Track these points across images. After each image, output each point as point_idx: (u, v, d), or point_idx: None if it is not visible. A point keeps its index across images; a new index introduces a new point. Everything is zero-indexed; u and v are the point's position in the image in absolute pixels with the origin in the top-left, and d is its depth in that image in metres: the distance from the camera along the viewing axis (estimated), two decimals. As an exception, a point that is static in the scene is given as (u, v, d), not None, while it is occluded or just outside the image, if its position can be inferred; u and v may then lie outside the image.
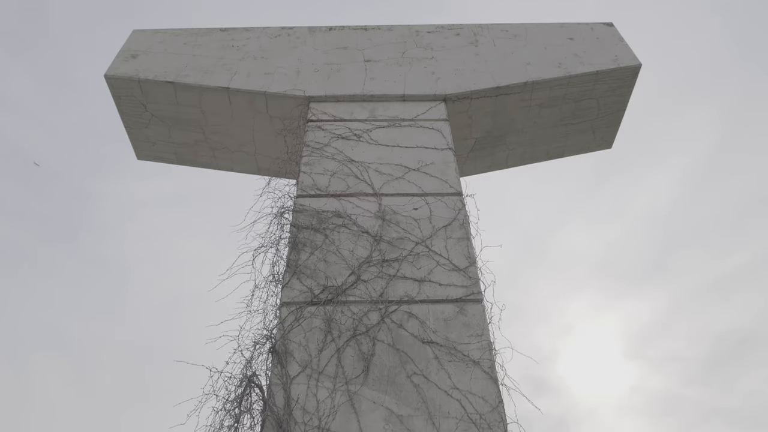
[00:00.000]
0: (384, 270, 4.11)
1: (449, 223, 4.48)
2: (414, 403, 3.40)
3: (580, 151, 7.14)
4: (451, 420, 3.32)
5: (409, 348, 3.67)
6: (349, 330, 3.75)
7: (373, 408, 3.38)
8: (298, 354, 3.63)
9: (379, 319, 3.81)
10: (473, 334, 3.74)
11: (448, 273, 4.11)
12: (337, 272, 4.11)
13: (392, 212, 4.56)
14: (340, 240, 4.33)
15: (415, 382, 3.49)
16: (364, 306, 3.89)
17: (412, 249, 4.26)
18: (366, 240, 4.33)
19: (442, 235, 4.38)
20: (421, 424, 3.30)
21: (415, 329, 3.77)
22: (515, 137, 6.73)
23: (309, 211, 4.58)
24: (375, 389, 3.46)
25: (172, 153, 6.98)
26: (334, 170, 4.98)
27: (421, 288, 4.00)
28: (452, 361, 3.60)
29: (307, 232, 4.40)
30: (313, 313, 3.86)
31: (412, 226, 4.45)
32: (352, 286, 4.00)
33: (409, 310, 3.87)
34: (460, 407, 3.37)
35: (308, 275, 4.08)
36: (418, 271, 4.12)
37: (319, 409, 3.36)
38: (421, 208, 4.62)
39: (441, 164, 5.07)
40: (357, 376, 3.52)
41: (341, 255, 4.22)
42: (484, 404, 3.39)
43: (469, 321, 3.82)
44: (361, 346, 3.67)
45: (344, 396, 3.43)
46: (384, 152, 5.19)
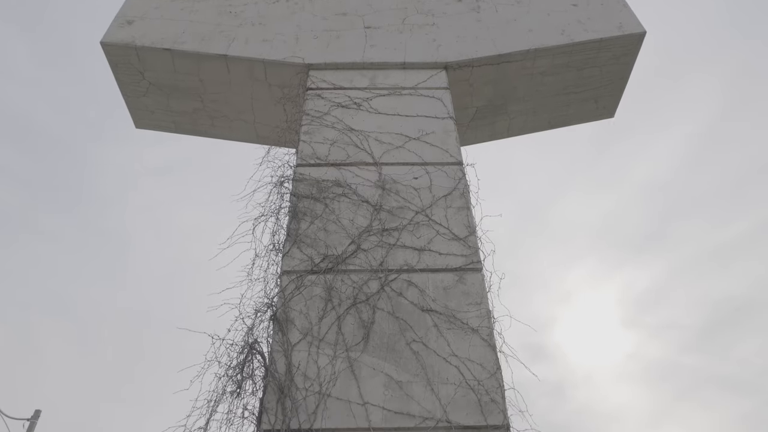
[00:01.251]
0: (384, 239, 4.13)
1: (449, 192, 4.48)
2: (413, 369, 3.46)
3: (582, 120, 7.08)
4: (450, 386, 3.38)
5: (409, 316, 3.71)
6: (350, 298, 3.79)
7: (373, 374, 3.44)
8: (298, 322, 3.68)
9: (379, 288, 3.84)
10: (472, 303, 3.78)
11: (448, 242, 4.13)
12: (337, 241, 4.13)
13: (392, 181, 4.56)
14: (340, 209, 4.34)
15: (415, 349, 3.54)
16: (364, 275, 3.92)
17: (412, 218, 4.27)
18: (366, 209, 4.34)
19: (442, 205, 4.38)
20: (420, 390, 3.37)
21: (414, 297, 3.80)
22: (517, 106, 6.67)
23: (309, 180, 4.57)
24: (375, 356, 3.52)
25: (171, 121, 6.93)
26: (334, 139, 4.95)
27: (420, 257, 4.03)
28: (451, 328, 3.64)
29: (307, 201, 4.40)
30: (314, 282, 3.89)
31: (412, 195, 4.45)
32: (352, 255, 4.03)
33: (409, 278, 3.91)
34: (458, 374, 3.43)
35: (308, 244, 4.10)
36: (418, 240, 4.14)
37: (319, 376, 3.42)
38: (422, 177, 4.61)
39: (441, 133, 5.04)
40: (357, 343, 3.57)
41: (341, 224, 4.23)
42: (482, 371, 3.45)
43: (469, 290, 3.86)
44: (361, 314, 3.71)
45: (345, 362, 3.48)
46: (384, 121, 5.15)
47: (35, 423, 15.35)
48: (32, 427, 15.22)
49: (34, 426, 15.29)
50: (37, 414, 15.53)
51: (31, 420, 15.31)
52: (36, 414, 15.52)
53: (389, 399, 3.33)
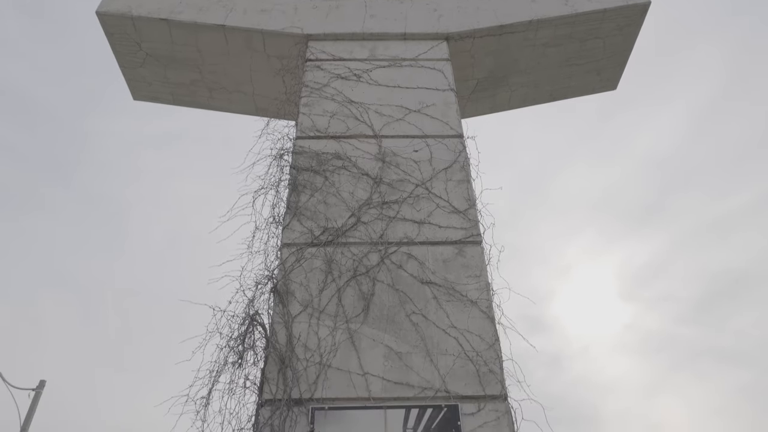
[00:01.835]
0: (384, 212, 4.13)
1: (450, 165, 4.46)
2: (413, 340, 3.49)
3: (585, 92, 7.02)
4: (449, 357, 3.42)
5: (409, 288, 3.73)
6: (350, 270, 3.81)
7: (373, 345, 3.47)
8: (299, 294, 3.70)
9: (379, 260, 3.85)
10: (471, 275, 3.80)
11: (448, 215, 4.13)
12: (337, 214, 4.12)
13: (392, 154, 4.54)
14: (340, 182, 4.33)
15: (414, 321, 3.57)
16: (364, 247, 3.93)
17: (412, 191, 4.26)
18: (366, 182, 4.32)
19: (442, 178, 4.37)
20: (419, 361, 3.41)
21: (414, 270, 3.82)
22: (518, 78, 6.60)
23: (308, 152, 4.55)
24: (375, 327, 3.55)
25: (169, 93, 6.86)
26: (333, 111, 4.91)
27: (420, 230, 4.03)
28: (450, 300, 3.67)
29: (306, 174, 4.38)
30: (314, 254, 3.90)
31: (413, 168, 4.44)
32: (352, 228, 4.03)
33: (409, 251, 3.92)
34: (457, 345, 3.47)
35: (308, 217, 4.10)
36: (418, 213, 4.13)
37: (320, 346, 3.46)
38: (422, 150, 4.58)
39: (442, 105, 4.99)
40: (357, 314, 3.60)
41: (341, 197, 4.22)
42: (481, 342, 3.48)
43: (468, 262, 3.87)
44: (361, 286, 3.73)
45: (345, 334, 3.52)
46: (384, 93, 5.10)
47: (40, 393, 15.58)
48: (37, 397, 15.45)
49: (39, 396, 15.53)
50: (42, 384, 15.75)
51: (36, 390, 15.54)
52: (41, 384, 15.75)
53: (389, 369, 3.37)
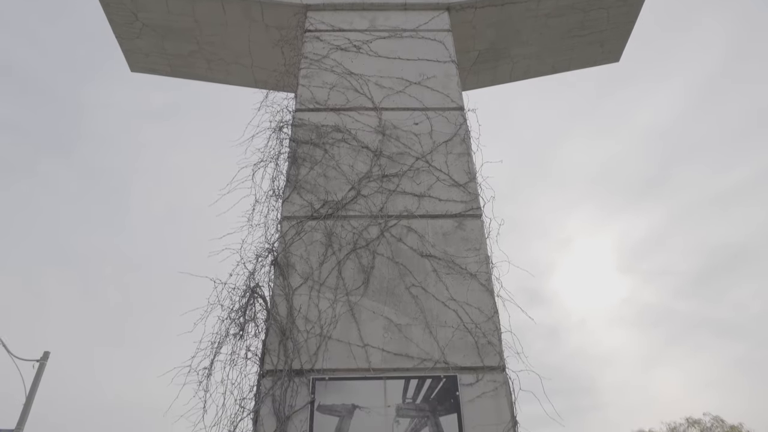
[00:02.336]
0: (384, 185, 4.12)
1: (450, 138, 4.44)
2: (412, 313, 3.52)
3: (587, 64, 6.93)
4: (448, 329, 3.46)
5: (408, 261, 3.75)
6: (350, 243, 3.82)
7: (373, 317, 3.50)
8: (299, 266, 3.72)
9: (379, 233, 3.86)
10: (471, 248, 3.81)
11: (448, 188, 4.12)
12: (337, 187, 4.12)
13: (392, 127, 4.50)
14: (339, 155, 4.31)
15: (414, 294, 3.60)
16: (364, 220, 3.93)
17: (412, 164, 4.25)
18: (366, 155, 4.30)
19: (442, 151, 4.35)
20: (419, 333, 3.44)
21: (414, 243, 3.83)
22: (520, 49, 6.51)
23: (308, 125, 4.52)
24: (375, 300, 3.58)
25: (167, 65, 6.78)
26: (333, 83, 4.86)
27: (420, 203, 4.03)
28: (450, 273, 3.69)
29: (306, 146, 4.36)
30: (314, 227, 3.91)
31: (413, 141, 4.41)
32: (352, 201, 4.03)
33: (409, 224, 3.92)
34: (456, 317, 3.50)
35: (308, 190, 4.10)
36: (418, 186, 4.13)
37: (320, 318, 3.49)
38: (422, 122, 4.55)
39: (443, 77, 4.94)
40: (357, 287, 3.62)
41: (341, 170, 4.21)
42: (480, 314, 3.52)
43: (468, 235, 3.88)
44: (361, 259, 3.75)
45: (345, 306, 3.54)
46: (384, 65, 5.04)
47: (44, 364, 15.79)
48: (41, 368, 15.66)
49: (44, 367, 15.74)
50: (45, 355, 15.95)
51: (40, 361, 15.74)
52: (45, 356, 15.95)
53: (389, 341, 3.41)
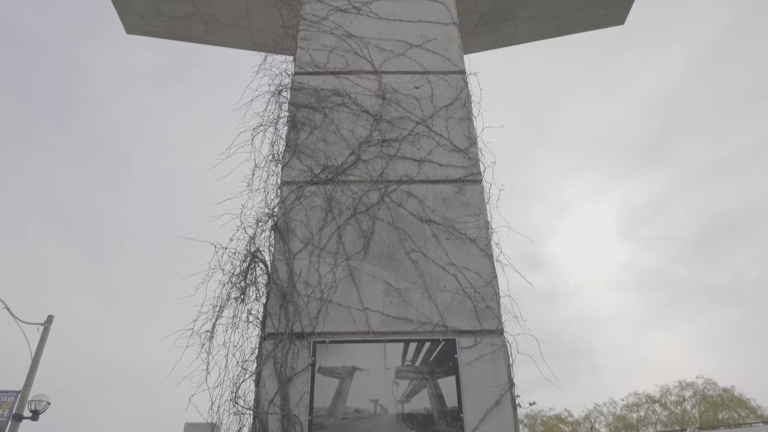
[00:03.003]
0: (384, 150, 4.10)
1: (451, 102, 4.39)
2: (412, 277, 3.55)
3: (590, 26, 6.81)
4: (447, 293, 3.49)
5: (408, 226, 3.76)
6: (350, 209, 3.82)
7: (373, 282, 3.53)
8: (299, 231, 3.73)
9: (379, 198, 3.86)
10: (471, 214, 3.81)
11: (449, 153, 4.10)
12: (336, 152, 4.09)
13: (393, 91, 4.45)
14: (339, 119, 4.27)
15: (413, 258, 3.62)
16: (364, 185, 3.93)
17: (412, 129, 4.21)
18: (366, 119, 4.27)
19: (443, 115, 4.30)
20: (418, 297, 3.48)
21: (414, 208, 3.83)
22: (523, 11, 6.39)
23: (307, 89, 4.46)
24: (375, 264, 3.60)
25: (162, 26, 6.66)
26: (332, 46, 4.78)
27: (420, 168, 4.02)
28: (450, 238, 3.70)
29: (305, 111, 4.32)
30: (314, 192, 3.90)
31: (413, 105, 4.37)
32: (352, 166, 4.01)
33: (409, 189, 3.92)
34: (455, 282, 3.53)
35: (308, 155, 4.08)
36: (418, 151, 4.10)
37: (321, 283, 3.52)
38: (423, 86, 4.50)
39: (444, 40, 4.85)
40: (357, 252, 3.64)
41: (341, 134, 4.18)
42: (479, 279, 3.54)
43: (468, 201, 3.88)
44: (361, 224, 3.76)
45: (345, 270, 3.57)
46: (384, 27, 4.95)
47: (49, 328, 16.01)
48: (46, 331, 15.89)
49: (48, 330, 15.97)
50: (50, 319, 16.16)
51: (44, 325, 15.96)
52: (49, 319, 16.16)
53: (388, 305, 3.45)
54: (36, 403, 14.90)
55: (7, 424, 14.45)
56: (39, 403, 14.93)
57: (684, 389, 35.27)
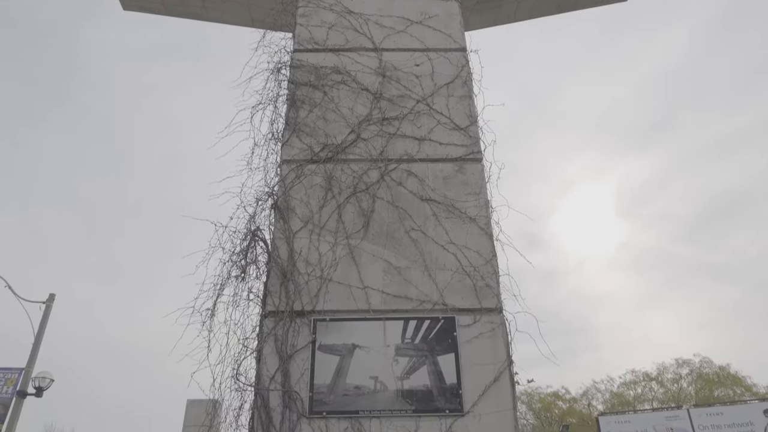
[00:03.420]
0: (384, 128, 4.07)
1: (452, 80, 4.35)
2: (412, 256, 3.56)
3: (594, 3, 6.71)
4: (447, 272, 3.50)
5: (408, 205, 3.76)
6: (350, 187, 3.81)
7: (373, 260, 3.55)
8: (299, 210, 3.73)
9: (379, 177, 3.85)
10: (471, 192, 3.81)
11: (449, 132, 4.08)
12: (336, 130, 4.07)
13: (393, 68, 4.41)
14: (339, 97, 4.24)
15: (413, 237, 3.62)
16: (364, 164, 3.91)
17: (412, 107, 4.18)
18: (366, 97, 4.24)
19: (443, 93, 4.27)
20: (418, 275, 3.49)
21: (414, 187, 3.83)
22: (525, -13, 6.29)
23: (307, 66, 4.42)
24: (375, 243, 3.61)
25: (159, 2, 6.56)
26: (332, 22, 4.72)
27: (421, 147, 4.00)
28: (450, 217, 3.70)
29: (305, 88, 4.28)
30: (314, 171, 3.89)
31: (413, 83, 4.33)
32: (352, 144, 4.00)
33: (409, 168, 3.91)
34: (455, 260, 3.54)
35: (308, 133, 4.06)
36: (419, 129, 4.08)
37: (321, 261, 3.53)
38: (423, 64, 4.45)
39: (445, 17, 4.79)
40: (357, 231, 3.65)
41: (341, 113, 4.15)
42: (479, 258, 3.56)
43: (468, 179, 3.87)
44: (361, 203, 3.76)
45: (345, 249, 3.58)
46: (384, 3, 4.88)
47: (51, 306, 16.11)
48: (48, 309, 15.99)
49: (50, 309, 16.07)
50: (51, 297, 16.26)
51: (46, 303, 16.05)
52: (51, 297, 16.25)
53: (388, 283, 3.46)
54: (40, 380, 15.07)
55: (11, 400, 14.63)
56: (42, 380, 15.10)
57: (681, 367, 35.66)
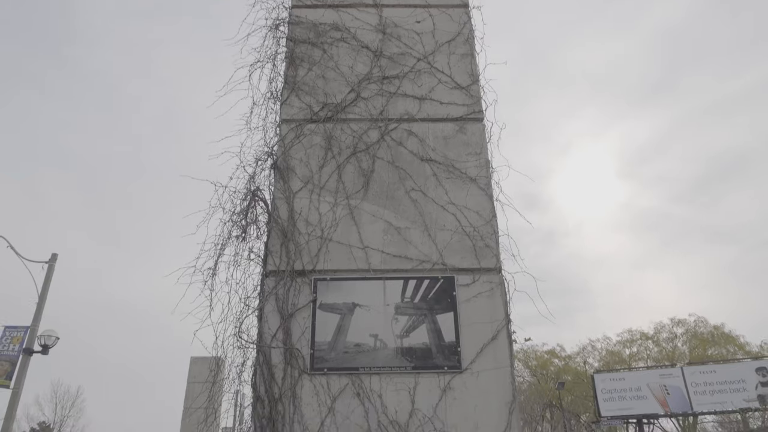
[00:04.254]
0: (384, 87, 4.02)
1: (453, 38, 4.27)
2: (411, 216, 3.57)
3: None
4: (446, 232, 3.52)
5: (408, 165, 3.74)
6: (349, 147, 3.79)
7: (373, 221, 3.55)
8: (299, 170, 3.71)
9: (379, 137, 3.82)
10: (472, 153, 3.78)
11: (450, 91, 4.02)
12: (336, 89, 4.02)
13: (393, 25, 4.31)
14: (339, 55, 4.16)
15: (413, 197, 3.62)
16: (364, 124, 3.88)
17: (413, 65, 4.11)
18: (366, 55, 4.16)
19: (445, 51, 4.19)
20: (417, 236, 3.51)
21: (414, 147, 3.80)
22: (530, -59, 6.10)
23: (306, 23, 4.32)
24: (374, 203, 3.61)
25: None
26: (331, -23, 4.59)
27: (421, 106, 3.95)
28: (450, 178, 3.69)
29: (304, 46, 4.20)
30: (313, 131, 3.86)
31: (414, 40, 4.25)
32: (351, 104, 3.95)
33: (409, 128, 3.87)
34: (455, 221, 3.55)
35: (307, 92, 4.00)
36: (419, 88, 4.03)
37: (321, 221, 3.54)
38: (424, 21, 4.35)
39: (447, -29, 4.66)
40: (357, 191, 3.64)
41: (340, 71, 4.09)
42: (479, 218, 3.56)
43: (469, 139, 3.84)
44: (361, 163, 3.74)
45: (345, 209, 3.58)
46: (385, -44, 4.73)
47: (53, 266, 16.24)
48: (51, 269, 16.13)
49: (53, 268, 16.21)
50: (54, 257, 16.37)
51: (48, 263, 16.18)
52: (53, 257, 16.37)
53: (388, 243, 3.48)
54: (45, 338, 15.33)
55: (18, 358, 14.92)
56: (48, 338, 15.37)
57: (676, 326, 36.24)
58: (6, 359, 14.90)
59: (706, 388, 24.62)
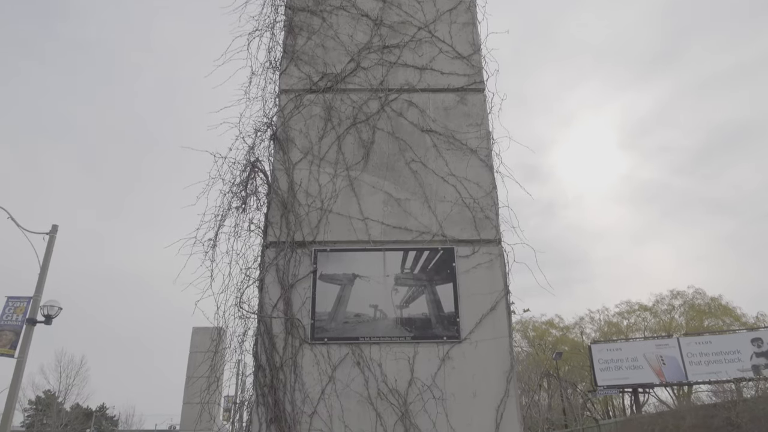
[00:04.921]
0: (384, 57, 3.96)
1: (455, 6, 4.19)
2: (411, 187, 3.56)
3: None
4: (446, 203, 3.52)
5: (408, 136, 3.72)
6: (349, 118, 3.76)
7: (373, 192, 3.55)
8: (299, 141, 3.69)
9: (379, 108, 3.79)
10: (472, 124, 3.76)
11: (451, 61, 3.97)
12: (336, 59, 3.97)
13: (394, -7, 4.23)
14: (338, 24, 4.10)
15: (413, 169, 3.61)
16: (364, 94, 3.84)
17: (414, 34, 4.05)
18: (366, 24, 4.09)
19: (446, 20, 4.12)
20: (417, 207, 3.50)
21: (414, 118, 3.77)
22: None
23: (304, -10, 4.24)
24: (374, 175, 3.60)
25: None
26: (330, -57, 4.48)
27: (422, 76, 3.91)
28: (450, 149, 3.67)
29: (303, 14, 4.13)
30: (313, 101, 3.82)
31: (415, 9, 4.17)
32: (351, 74, 3.90)
33: (410, 98, 3.83)
34: (455, 192, 3.54)
35: (306, 62, 3.95)
36: (420, 58, 3.97)
37: (321, 193, 3.54)
38: (425, -12, 4.27)
39: (449, -63, 4.55)
40: (357, 162, 3.63)
41: (340, 40, 4.03)
42: (479, 189, 3.56)
43: (470, 110, 3.81)
44: (361, 134, 3.71)
45: (345, 181, 3.57)
46: None
47: (54, 237, 16.29)
48: (52, 240, 16.18)
49: (54, 240, 16.26)
50: (54, 229, 16.42)
51: (49, 234, 16.23)
52: (54, 229, 16.41)
53: (388, 214, 3.48)
54: (48, 308, 15.48)
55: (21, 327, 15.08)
56: (51, 308, 15.52)
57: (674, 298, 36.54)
58: (10, 329, 15.07)
59: (702, 359, 24.96)
